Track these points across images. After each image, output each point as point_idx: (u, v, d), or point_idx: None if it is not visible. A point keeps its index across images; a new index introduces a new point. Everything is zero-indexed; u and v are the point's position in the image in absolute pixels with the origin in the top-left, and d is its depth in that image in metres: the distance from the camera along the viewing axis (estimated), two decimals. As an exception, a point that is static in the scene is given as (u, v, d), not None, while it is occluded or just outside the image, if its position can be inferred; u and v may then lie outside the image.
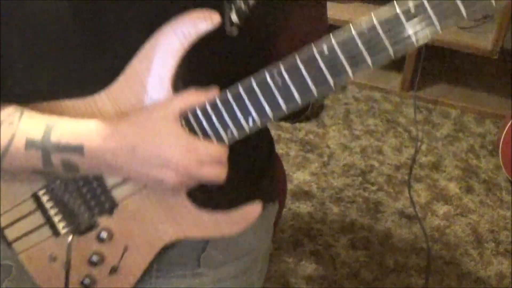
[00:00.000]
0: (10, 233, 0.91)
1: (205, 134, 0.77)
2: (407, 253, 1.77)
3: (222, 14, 0.74)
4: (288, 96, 0.74)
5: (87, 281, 0.88)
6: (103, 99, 0.80)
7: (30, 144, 0.78)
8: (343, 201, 1.93)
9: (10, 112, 0.81)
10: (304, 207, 1.90)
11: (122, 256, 0.87)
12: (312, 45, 0.71)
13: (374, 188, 1.98)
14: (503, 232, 1.85)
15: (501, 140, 1.93)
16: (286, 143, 2.13)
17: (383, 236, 1.82)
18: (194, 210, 0.82)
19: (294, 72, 0.72)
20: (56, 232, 0.88)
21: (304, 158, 2.08)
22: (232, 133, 0.76)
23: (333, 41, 0.70)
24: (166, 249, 0.91)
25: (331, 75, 0.71)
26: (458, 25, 0.67)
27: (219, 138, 0.77)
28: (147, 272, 0.91)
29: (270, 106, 0.74)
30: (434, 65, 2.38)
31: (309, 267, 1.72)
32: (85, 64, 0.81)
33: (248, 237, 0.96)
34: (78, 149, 0.76)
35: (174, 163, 0.73)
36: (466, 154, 2.13)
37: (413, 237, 1.82)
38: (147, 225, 0.85)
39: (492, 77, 2.43)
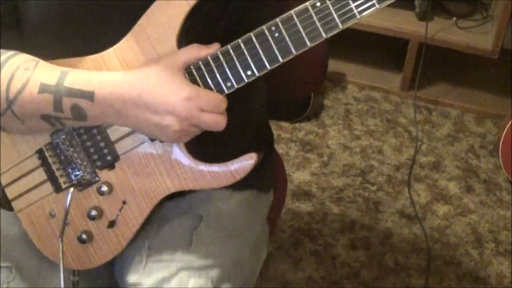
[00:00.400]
0: (11, 191, 0.93)
1: (206, 85, 0.82)
2: (407, 253, 1.77)
3: None
4: (283, 47, 0.80)
5: (84, 236, 0.90)
6: (110, 55, 0.85)
7: (43, 88, 0.82)
8: (343, 201, 1.93)
9: (27, 59, 0.84)
10: (304, 207, 1.90)
11: (120, 210, 0.89)
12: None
13: (374, 188, 1.98)
14: (503, 232, 1.85)
15: (501, 140, 1.93)
16: (286, 143, 2.13)
17: (383, 236, 1.82)
18: (194, 162, 0.86)
19: (288, 23, 0.79)
20: (57, 188, 0.91)
21: (304, 158, 2.08)
22: (232, 84, 0.82)
23: None
24: (158, 229, 0.95)
25: (322, 25, 0.78)
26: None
27: (220, 89, 0.82)
28: (138, 253, 0.93)
29: (266, 56, 0.80)
30: (434, 65, 2.38)
31: (309, 267, 1.72)
32: (100, 22, 0.85)
33: (241, 217, 0.99)
34: (89, 95, 0.80)
35: (177, 110, 0.79)
36: (466, 154, 2.13)
37: (413, 237, 1.82)
38: (147, 178, 0.88)
39: (492, 77, 2.42)
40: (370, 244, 1.80)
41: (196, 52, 0.81)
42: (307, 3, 0.78)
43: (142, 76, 0.80)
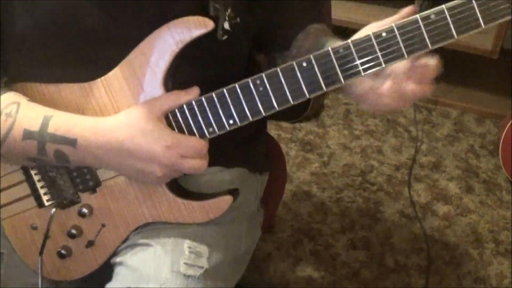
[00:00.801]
0: None
1: (189, 128, 0.85)
2: (407, 253, 1.77)
3: (216, 21, 0.82)
4: (266, 101, 0.82)
5: (63, 251, 0.94)
6: (98, 86, 0.87)
7: (27, 135, 0.84)
8: (343, 201, 1.93)
9: (7, 102, 0.86)
10: (304, 207, 1.90)
11: (99, 232, 0.93)
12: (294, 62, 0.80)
13: (374, 188, 1.98)
14: (503, 232, 1.85)
15: (501, 140, 1.93)
16: (286, 143, 2.13)
17: (383, 236, 1.82)
18: (172, 197, 0.90)
19: (273, 79, 0.80)
20: (40, 204, 0.94)
21: (304, 158, 2.08)
22: (214, 130, 0.84)
23: (311, 56, 0.79)
24: None
25: (306, 85, 0.80)
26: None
27: (202, 134, 0.85)
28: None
29: (249, 108, 0.82)
30: (434, 65, 2.38)
31: (309, 267, 1.72)
32: (89, 52, 0.88)
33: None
34: (72, 142, 0.83)
35: (159, 158, 0.81)
36: (466, 154, 2.13)
37: (413, 237, 1.82)
38: (126, 205, 0.91)
39: (492, 77, 2.43)
40: (370, 244, 1.80)
41: (175, 99, 0.84)
42: (294, 62, 0.79)
43: (125, 124, 0.82)
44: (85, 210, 0.92)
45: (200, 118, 0.84)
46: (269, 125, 1.22)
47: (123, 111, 0.84)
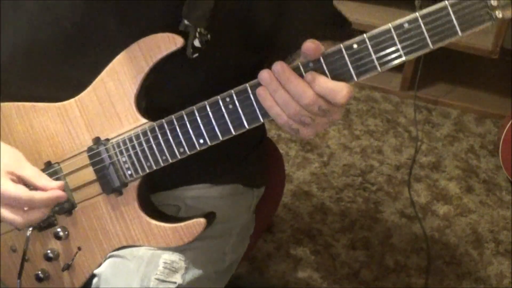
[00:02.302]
0: None
1: (159, 147, 0.84)
2: (407, 253, 1.77)
3: (186, 39, 0.81)
4: (236, 119, 0.79)
5: (41, 275, 0.94)
6: (72, 105, 0.88)
7: None
8: (343, 201, 1.93)
9: None
10: (304, 207, 1.90)
11: (75, 255, 0.93)
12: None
13: (374, 188, 1.98)
14: (503, 232, 1.85)
15: (501, 140, 1.93)
16: (286, 143, 2.13)
17: (383, 236, 1.82)
18: (145, 220, 0.89)
19: (243, 95, 0.78)
20: None
21: (304, 158, 2.08)
22: (184, 150, 0.83)
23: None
24: None
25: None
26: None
27: (171, 152, 0.83)
28: None
29: (218, 126, 0.80)
30: (434, 65, 2.38)
31: (309, 267, 1.72)
32: (63, 71, 0.88)
33: (224, 210, 1.00)
34: None
35: None
36: (466, 154, 2.13)
37: (413, 237, 1.82)
38: (100, 228, 0.91)
39: (492, 77, 2.42)
40: (370, 244, 1.80)
41: (34, 177, 0.85)
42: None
43: None
44: (61, 233, 0.92)
45: (170, 137, 0.83)
46: (269, 125, 1.21)
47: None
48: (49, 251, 0.93)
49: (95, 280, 0.91)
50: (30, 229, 0.91)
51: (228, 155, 0.86)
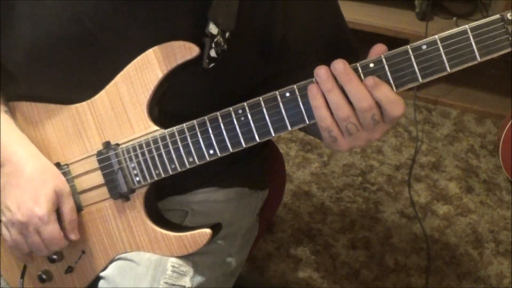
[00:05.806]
0: None
1: (169, 155, 0.84)
2: (407, 253, 1.77)
3: (202, 49, 0.80)
4: (247, 132, 0.79)
5: (44, 276, 0.94)
6: (85, 109, 0.88)
7: None
8: (343, 201, 1.93)
9: None
10: (304, 207, 1.90)
11: (79, 259, 0.93)
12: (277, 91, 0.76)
13: (374, 188, 1.98)
14: (503, 232, 1.85)
15: (501, 140, 1.93)
16: (286, 143, 2.13)
17: (383, 236, 1.82)
18: (151, 227, 0.88)
19: (255, 109, 0.77)
20: None
21: (304, 158, 2.08)
22: (194, 160, 0.83)
23: (294, 87, 0.75)
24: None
25: (288, 117, 0.76)
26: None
27: (181, 163, 0.83)
28: None
29: (229, 138, 0.80)
30: (434, 65, 2.38)
31: (309, 267, 1.72)
32: (78, 71, 0.88)
33: (230, 213, 1.01)
34: None
35: (17, 209, 0.85)
36: (466, 154, 2.13)
37: (413, 237, 1.82)
38: (106, 233, 0.91)
39: (492, 77, 2.42)
40: (370, 244, 1.80)
41: (65, 195, 0.87)
42: (277, 91, 0.76)
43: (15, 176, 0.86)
44: None
45: (180, 147, 0.82)
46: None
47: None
48: (53, 253, 0.93)
49: (101, 282, 0.91)
50: None
51: (234, 158, 0.86)
